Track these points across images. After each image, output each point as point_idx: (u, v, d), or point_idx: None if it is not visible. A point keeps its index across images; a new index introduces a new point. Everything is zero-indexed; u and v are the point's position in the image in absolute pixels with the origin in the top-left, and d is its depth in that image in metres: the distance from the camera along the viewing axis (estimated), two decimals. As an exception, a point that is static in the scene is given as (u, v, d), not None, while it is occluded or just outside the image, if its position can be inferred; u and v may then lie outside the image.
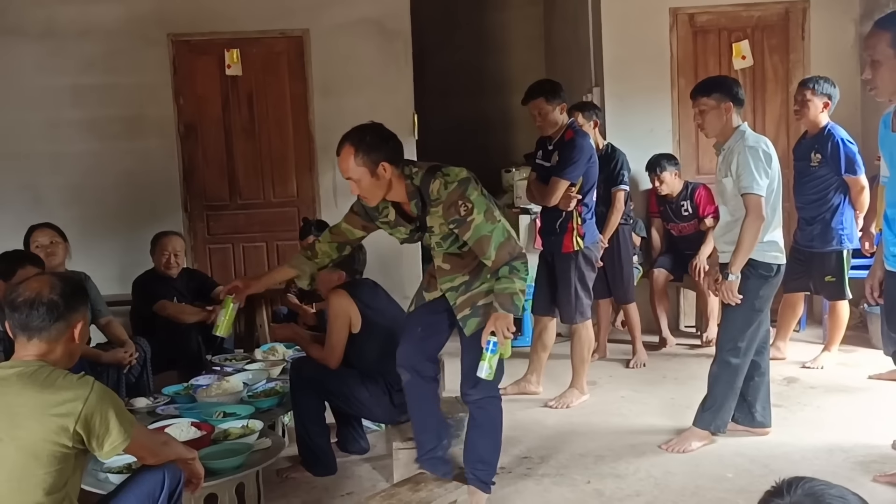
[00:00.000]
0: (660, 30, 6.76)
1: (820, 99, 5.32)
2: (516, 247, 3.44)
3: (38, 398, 2.50)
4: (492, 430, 3.75)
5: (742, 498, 3.69)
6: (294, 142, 6.93)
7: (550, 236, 5.07)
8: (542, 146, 5.10)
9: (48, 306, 2.61)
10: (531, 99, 4.94)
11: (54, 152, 6.62)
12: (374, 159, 3.41)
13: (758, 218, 4.04)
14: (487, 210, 3.42)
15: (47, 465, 2.49)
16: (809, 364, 5.65)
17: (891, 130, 3.61)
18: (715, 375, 4.29)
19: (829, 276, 5.44)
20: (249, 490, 3.57)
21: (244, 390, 4.36)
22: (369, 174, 3.43)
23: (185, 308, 5.37)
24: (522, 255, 3.45)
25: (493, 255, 3.41)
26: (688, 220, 6.35)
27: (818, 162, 5.33)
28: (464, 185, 3.42)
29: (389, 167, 3.44)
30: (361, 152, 3.41)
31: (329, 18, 6.79)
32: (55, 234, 4.97)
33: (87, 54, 6.62)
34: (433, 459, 3.80)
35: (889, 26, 3.39)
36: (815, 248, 5.46)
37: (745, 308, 4.16)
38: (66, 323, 2.64)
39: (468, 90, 9.27)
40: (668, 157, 6.37)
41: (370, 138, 3.44)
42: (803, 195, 5.50)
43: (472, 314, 3.60)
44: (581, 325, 5.10)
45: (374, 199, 3.54)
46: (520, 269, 3.42)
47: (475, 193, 3.42)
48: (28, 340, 2.62)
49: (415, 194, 3.50)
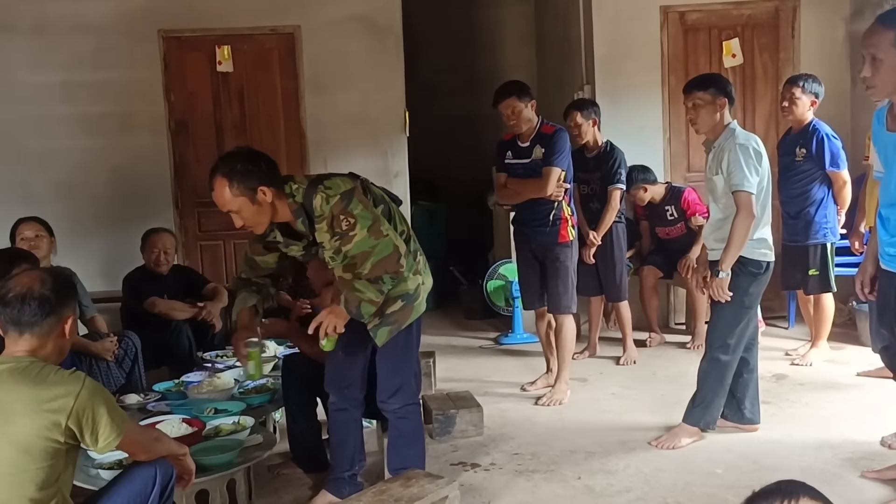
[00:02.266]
0: (650, 28, 6.78)
1: (808, 97, 5.37)
2: (397, 266, 3.36)
3: (29, 394, 2.50)
4: (417, 439, 3.74)
5: (731, 493, 3.71)
6: (285, 139, 6.92)
7: (543, 229, 5.07)
8: (509, 147, 5.14)
9: (39, 301, 2.61)
10: (503, 99, 5.00)
11: (44, 148, 6.60)
12: (251, 185, 3.28)
13: (748, 215, 4.06)
14: (373, 225, 3.32)
15: (39, 461, 2.49)
16: (798, 361, 5.68)
17: (885, 128, 3.55)
18: (705, 372, 4.31)
19: (813, 270, 5.49)
20: (240, 486, 3.57)
21: (235, 387, 4.37)
22: (249, 202, 3.30)
23: (176, 305, 5.36)
24: (400, 272, 3.38)
25: (366, 270, 3.32)
26: (674, 223, 6.33)
27: (803, 157, 5.39)
28: (346, 198, 3.31)
29: (269, 190, 3.32)
30: (236, 181, 3.28)
31: (320, 15, 6.79)
32: (41, 227, 4.96)
33: (77, 50, 6.59)
34: (339, 480, 3.78)
35: (894, 24, 3.24)
36: (800, 241, 5.51)
37: (734, 305, 4.18)
38: (58, 318, 2.65)
39: (459, 87, 9.26)
40: (632, 171, 6.18)
41: (241, 165, 3.31)
42: (787, 190, 5.55)
43: (382, 323, 3.49)
44: (570, 316, 5.14)
45: (260, 226, 3.43)
46: (386, 282, 3.35)
47: (359, 207, 3.32)
48: (20, 336, 2.61)
49: (300, 212, 3.39)
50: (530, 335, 6.54)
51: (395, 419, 3.70)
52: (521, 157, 5.07)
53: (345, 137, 6.83)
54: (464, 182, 8.90)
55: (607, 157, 5.78)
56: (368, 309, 3.35)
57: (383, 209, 3.50)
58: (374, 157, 6.83)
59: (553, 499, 3.82)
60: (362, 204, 3.35)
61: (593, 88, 6.82)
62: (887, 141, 3.54)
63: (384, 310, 3.46)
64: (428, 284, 3.63)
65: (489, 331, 7.17)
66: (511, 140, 5.14)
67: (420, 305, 3.59)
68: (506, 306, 7.09)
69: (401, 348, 3.59)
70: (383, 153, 6.87)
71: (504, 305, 7.13)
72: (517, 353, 6.51)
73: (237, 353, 3.80)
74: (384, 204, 3.54)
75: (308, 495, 3.93)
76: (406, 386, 3.65)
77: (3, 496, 2.50)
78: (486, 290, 7.15)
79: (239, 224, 3.41)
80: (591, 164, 5.76)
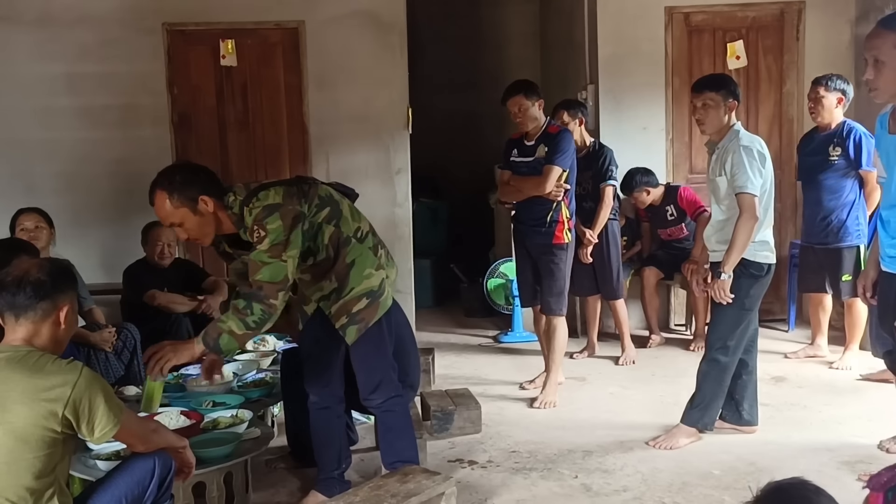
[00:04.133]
0: (655, 28, 6.77)
1: (833, 94, 5.32)
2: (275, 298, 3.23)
3: (27, 383, 2.51)
4: (405, 430, 3.72)
5: (728, 495, 3.72)
6: (288, 134, 6.91)
7: (539, 229, 5.08)
8: (516, 145, 5.20)
9: (34, 285, 2.63)
10: (511, 96, 5.06)
11: (47, 140, 6.59)
12: (191, 195, 3.26)
13: (751, 217, 4.05)
14: (276, 245, 3.23)
15: (36, 450, 2.50)
16: (836, 365, 5.60)
17: (888, 132, 3.58)
18: (704, 373, 4.31)
19: (846, 275, 5.37)
20: (238, 479, 3.58)
21: (234, 380, 4.37)
22: (191, 213, 3.28)
23: (176, 297, 5.36)
24: (273, 306, 3.24)
25: (258, 278, 3.24)
26: (674, 223, 6.35)
27: (837, 156, 5.29)
28: (266, 210, 3.24)
29: (210, 200, 3.29)
30: (176, 192, 3.26)
31: (324, 10, 6.78)
32: (40, 218, 4.99)
33: (81, 42, 6.58)
34: (329, 480, 3.78)
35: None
36: (830, 244, 5.42)
37: (735, 307, 4.18)
38: (52, 303, 2.65)
39: (463, 85, 9.25)
40: (635, 175, 6.29)
41: (180, 176, 3.30)
42: (814, 191, 5.46)
43: (350, 322, 3.49)
44: (562, 318, 5.14)
45: (206, 237, 3.39)
46: (255, 312, 3.21)
47: (276, 223, 3.23)
48: (16, 321, 2.63)
49: (239, 222, 3.36)
50: (530, 334, 6.54)
51: (380, 413, 3.70)
52: (526, 156, 5.12)
53: (347, 133, 6.83)
54: (466, 180, 8.90)
55: (596, 155, 5.81)
56: (229, 344, 3.23)
57: (330, 212, 3.44)
58: (377, 154, 6.83)
59: (550, 497, 3.82)
60: (282, 222, 3.24)
61: (597, 88, 6.82)
62: (889, 144, 3.55)
63: (350, 308, 3.47)
64: (392, 276, 3.64)
65: (489, 329, 7.17)
66: (518, 138, 5.19)
67: (386, 300, 3.57)
68: (506, 304, 7.09)
69: (374, 344, 3.57)
70: (385, 149, 6.86)
71: (504, 304, 7.13)
72: (516, 352, 6.51)
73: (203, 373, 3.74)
74: (330, 206, 3.46)
75: (305, 489, 3.93)
76: (385, 380, 3.63)
77: (1, 484, 2.50)
78: (487, 288, 7.15)
79: (184, 237, 3.38)
80: (582, 163, 5.75)
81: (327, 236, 3.44)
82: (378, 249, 3.60)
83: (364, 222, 3.60)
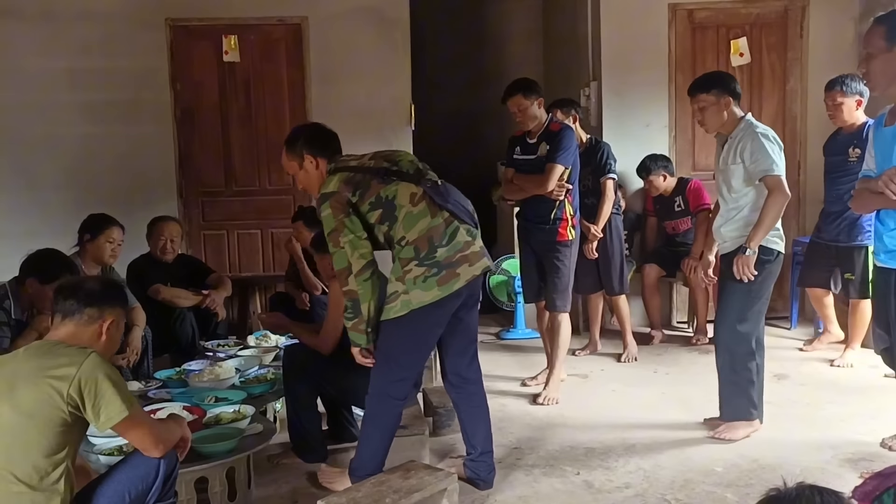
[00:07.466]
0: (658, 25, 6.76)
1: (852, 98, 5.36)
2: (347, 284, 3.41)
3: (36, 363, 2.60)
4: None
5: (730, 492, 3.72)
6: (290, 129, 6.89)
7: (543, 226, 5.09)
8: (519, 143, 5.21)
9: (87, 291, 2.79)
10: (510, 96, 5.07)
11: (50, 135, 6.60)
12: (297, 153, 3.65)
13: (782, 194, 4.11)
14: (332, 233, 3.42)
15: (44, 429, 2.55)
16: (837, 363, 5.64)
17: (882, 125, 3.71)
18: (720, 367, 4.35)
19: (849, 274, 5.46)
20: (240, 474, 3.58)
21: (236, 376, 4.38)
22: (297, 167, 3.66)
23: (180, 293, 5.37)
24: (352, 292, 3.41)
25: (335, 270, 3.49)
26: (681, 216, 6.38)
27: (857, 157, 5.31)
28: (321, 199, 3.48)
29: (316, 160, 3.63)
30: (287, 147, 3.69)
31: (328, 6, 6.78)
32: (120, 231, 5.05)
33: (84, 37, 6.59)
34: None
35: (885, 21, 3.55)
36: (841, 242, 5.48)
37: (742, 291, 4.19)
38: (99, 312, 2.77)
39: (465, 81, 9.25)
40: (656, 159, 6.38)
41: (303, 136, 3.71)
42: (833, 189, 5.53)
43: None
44: (565, 315, 5.14)
45: (313, 189, 3.66)
46: (346, 305, 3.47)
47: (326, 211, 3.43)
48: (61, 321, 2.76)
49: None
50: (532, 331, 6.54)
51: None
52: (528, 154, 5.13)
53: (350, 129, 6.72)
54: (468, 177, 8.87)
55: (594, 150, 5.82)
56: (355, 338, 3.51)
57: (382, 213, 3.44)
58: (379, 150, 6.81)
59: (552, 493, 3.82)
60: (331, 210, 3.42)
61: (600, 85, 6.81)
62: (885, 135, 3.69)
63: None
64: (415, 299, 3.41)
65: (491, 325, 7.16)
66: (521, 136, 5.20)
67: (391, 310, 3.45)
68: (508, 301, 7.09)
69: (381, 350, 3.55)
70: (388, 146, 6.74)
71: (506, 301, 7.13)
72: (518, 349, 6.51)
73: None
74: (384, 209, 3.44)
75: (306, 485, 3.93)
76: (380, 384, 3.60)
77: (10, 461, 2.54)
78: (489, 284, 7.15)
79: (300, 186, 3.75)
80: (580, 160, 5.76)
81: (381, 234, 3.51)
82: (410, 264, 3.42)
83: (412, 232, 3.43)
